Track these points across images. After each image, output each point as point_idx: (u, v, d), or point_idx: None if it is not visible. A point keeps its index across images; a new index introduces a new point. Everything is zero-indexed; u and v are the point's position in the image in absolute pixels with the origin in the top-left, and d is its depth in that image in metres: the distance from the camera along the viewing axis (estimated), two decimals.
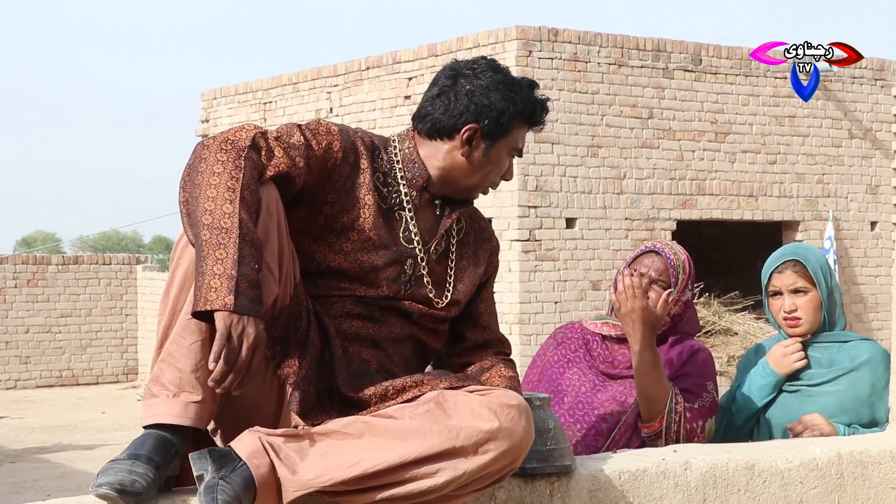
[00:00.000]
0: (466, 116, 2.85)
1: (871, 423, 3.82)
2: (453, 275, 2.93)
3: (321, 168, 2.75)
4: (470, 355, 3.01)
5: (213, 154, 2.58)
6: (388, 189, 2.85)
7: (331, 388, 2.71)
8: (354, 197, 2.80)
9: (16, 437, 14.99)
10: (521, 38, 13.39)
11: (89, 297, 20.67)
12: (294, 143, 2.72)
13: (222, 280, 2.43)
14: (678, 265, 3.74)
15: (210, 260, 2.45)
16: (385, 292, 2.82)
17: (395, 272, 2.83)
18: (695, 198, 14.50)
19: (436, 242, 2.90)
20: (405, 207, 2.86)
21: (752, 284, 15.67)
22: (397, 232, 2.84)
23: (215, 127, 18.09)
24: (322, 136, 2.77)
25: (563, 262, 13.58)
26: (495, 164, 2.90)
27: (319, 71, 16.13)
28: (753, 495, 3.19)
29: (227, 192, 2.52)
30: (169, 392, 2.55)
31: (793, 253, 3.92)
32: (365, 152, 2.84)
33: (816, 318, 3.86)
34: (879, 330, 14.52)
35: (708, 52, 14.60)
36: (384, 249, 2.81)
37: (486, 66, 2.88)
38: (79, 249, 52.68)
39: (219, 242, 2.46)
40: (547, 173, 13.49)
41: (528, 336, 13.19)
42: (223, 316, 2.42)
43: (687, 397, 3.64)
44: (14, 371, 20.13)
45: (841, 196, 15.52)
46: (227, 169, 2.56)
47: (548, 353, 3.89)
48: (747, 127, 14.86)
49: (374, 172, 2.84)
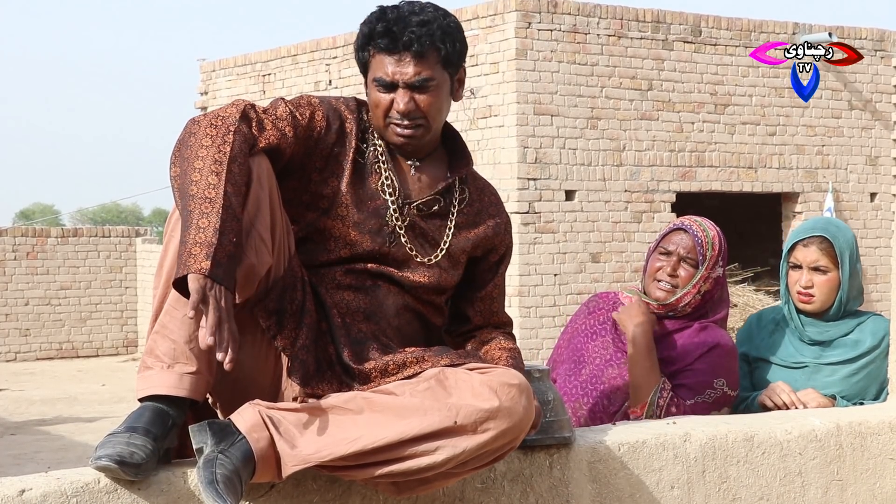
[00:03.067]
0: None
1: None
2: (451, 234, 2.92)
3: (307, 138, 2.78)
4: (472, 334, 3.01)
5: (203, 129, 2.60)
6: (365, 144, 2.88)
7: (330, 357, 2.71)
8: (341, 159, 2.82)
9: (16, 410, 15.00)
10: (521, 10, 13.34)
11: (89, 269, 20.65)
12: (280, 114, 2.75)
13: (201, 247, 2.44)
14: (706, 242, 3.69)
15: (193, 229, 2.46)
16: (368, 247, 2.81)
17: (376, 224, 2.84)
18: (694, 169, 14.47)
19: (423, 200, 2.89)
20: (380, 161, 2.87)
21: (752, 256, 15.69)
22: (376, 187, 2.85)
23: (214, 99, 18.05)
24: (304, 108, 2.80)
25: (562, 234, 13.56)
26: (370, 99, 2.91)
27: (318, 43, 16.07)
28: (753, 466, 3.20)
29: (214, 164, 2.54)
30: (163, 363, 2.56)
31: (823, 229, 3.83)
32: (349, 115, 2.87)
33: (830, 299, 3.80)
34: (879, 301, 14.52)
35: (708, 24, 14.55)
36: (362, 203, 2.83)
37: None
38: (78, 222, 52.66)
39: (202, 212, 2.48)
40: (546, 145, 13.46)
41: (527, 308, 13.19)
42: (196, 278, 2.41)
43: (682, 392, 3.60)
44: (14, 343, 20.13)
45: (840, 167, 15.49)
46: (215, 143, 2.57)
47: (578, 321, 3.87)
48: (747, 98, 14.82)
49: (358, 131, 2.87)
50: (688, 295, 3.68)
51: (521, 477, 2.82)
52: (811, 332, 3.82)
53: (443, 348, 2.79)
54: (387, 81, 2.83)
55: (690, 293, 3.68)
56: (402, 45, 2.81)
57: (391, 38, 2.82)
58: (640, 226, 13.96)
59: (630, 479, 3.01)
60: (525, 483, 2.83)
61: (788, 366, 3.82)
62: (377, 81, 2.85)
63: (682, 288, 3.68)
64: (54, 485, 2.42)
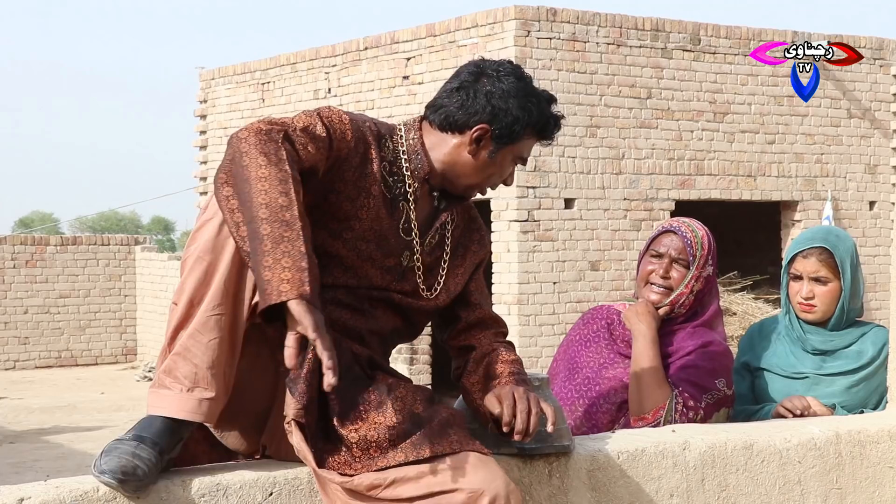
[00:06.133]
0: (481, 115, 2.84)
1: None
2: (447, 267, 2.93)
3: (336, 158, 2.75)
4: (467, 336, 2.99)
5: (254, 147, 2.57)
6: (393, 179, 2.85)
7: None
8: (361, 186, 2.78)
9: (15, 418, 15.00)
10: (520, 18, 13.36)
11: (88, 277, 20.65)
12: (318, 134, 2.70)
13: (293, 272, 2.45)
14: (696, 242, 3.72)
15: (276, 253, 2.46)
16: (377, 283, 2.81)
17: (392, 262, 2.83)
18: (693, 178, 14.48)
19: (430, 235, 2.90)
20: (408, 199, 2.86)
21: (751, 264, 15.69)
22: (398, 223, 2.84)
23: (213, 108, 18.06)
24: (337, 125, 2.75)
25: (561, 242, 13.57)
26: (498, 168, 2.91)
27: (318, 51, 16.08)
28: (752, 475, 3.20)
29: (280, 184, 2.52)
30: (182, 386, 2.56)
31: (822, 239, 3.82)
32: (373, 142, 2.83)
33: (832, 308, 3.80)
34: (878, 310, 14.52)
35: (707, 32, 14.57)
36: (384, 240, 2.81)
37: (510, 71, 2.89)
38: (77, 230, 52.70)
39: (281, 236, 2.47)
40: (545, 153, 13.47)
41: (526, 317, 13.18)
42: (299, 303, 2.43)
43: (693, 393, 3.61)
44: (13, 352, 20.13)
45: (839, 176, 15.50)
46: (271, 161, 2.55)
47: (573, 333, 3.91)
48: (746, 107, 14.83)
49: (381, 162, 2.83)
50: (682, 295, 3.71)
51: (521, 485, 2.81)
52: (815, 340, 3.82)
53: (442, 414, 2.73)
54: (523, 161, 2.95)
55: (684, 293, 3.71)
56: (553, 136, 2.95)
57: (550, 131, 2.93)
58: (639, 234, 13.96)
59: (629, 487, 3.01)
60: (524, 492, 2.83)
61: (789, 376, 3.81)
62: (519, 159, 2.93)
63: (676, 289, 3.70)
64: (53, 493, 2.42)
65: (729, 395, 3.67)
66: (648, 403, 3.56)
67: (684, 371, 3.64)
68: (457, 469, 2.59)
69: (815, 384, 3.78)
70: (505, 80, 2.86)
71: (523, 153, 2.92)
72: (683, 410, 3.55)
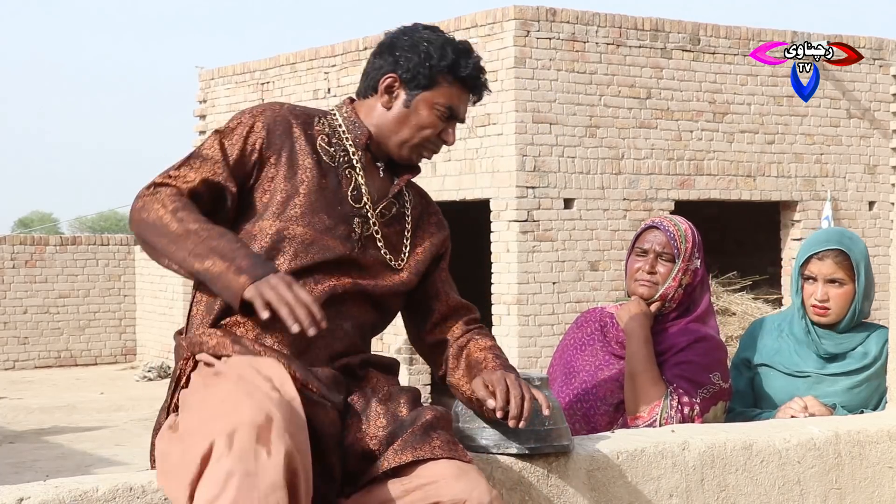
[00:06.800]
0: (386, 67, 2.90)
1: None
2: (410, 238, 2.95)
3: (243, 164, 2.81)
4: (441, 329, 2.99)
5: (138, 212, 2.74)
6: (334, 149, 2.88)
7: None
8: (293, 163, 2.82)
9: (14, 418, 15.00)
10: (519, 18, 13.36)
11: (87, 277, 20.65)
12: (208, 156, 2.80)
13: (227, 273, 2.61)
14: (679, 236, 3.73)
15: (215, 269, 2.61)
16: (340, 251, 2.80)
17: (344, 231, 2.83)
18: (693, 178, 14.48)
19: (384, 205, 2.90)
20: (354, 167, 2.89)
21: (750, 265, 15.69)
22: (345, 191, 2.86)
23: (213, 108, 18.06)
24: (235, 134, 2.82)
25: (561, 242, 13.57)
26: (421, 118, 2.89)
27: (317, 51, 16.08)
28: (751, 475, 3.20)
29: (171, 216, 2.68)
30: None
31: (837, 241, 3.81)
32: (295, 120, 2.87)
33: (844, 310, 3.79)
34: (877, 310, 14.48)
35: (706, 32, 14.57)
36: (331, 207, 2.83)
37: (421, 28, 2.94)
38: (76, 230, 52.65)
39: (205, 257, 2.63)
40: (545, 154, 13.47)
41: (525, 317, 13.18)
42: (248, 290, 2.58)
43: (688, 389, 3.61)
44: (12, 352, 20.13)
45: (839, 176, 15.50)
46: (152, 210, 2.71)
47: (567, 337, 3.92)
48: (745, 107, 14.83)
49: (316, 136, 2.87)
50: (670, 288, 3.72)
51: (520, 485, 2.82)
52: (828, 345, 3.81)
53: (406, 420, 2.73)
54: (452, 114, 2.91)
55: (672, 286, 3.72)
56: (476, 89, 2.92)
57: (473, 80, 2.91)
58: None
59: (628, 487, 3.01)
60: (524, 492, 2.83)
61: (791, 374, 3.81)
62: (445, 108, 2.90)
63: (664, 283, 3.71)
64: (52, 493, 2.42)
65: (725, 388, 3.68)
66: (644, 402, 3.57)
67: (678, 367, 3.65)
68: (438, 481, 2.60)
69: (817, 383, 3.78)
70: (413, 34, 2.91)
71: (448, 102, 2.90)
72: (679, 407, 3.56)
